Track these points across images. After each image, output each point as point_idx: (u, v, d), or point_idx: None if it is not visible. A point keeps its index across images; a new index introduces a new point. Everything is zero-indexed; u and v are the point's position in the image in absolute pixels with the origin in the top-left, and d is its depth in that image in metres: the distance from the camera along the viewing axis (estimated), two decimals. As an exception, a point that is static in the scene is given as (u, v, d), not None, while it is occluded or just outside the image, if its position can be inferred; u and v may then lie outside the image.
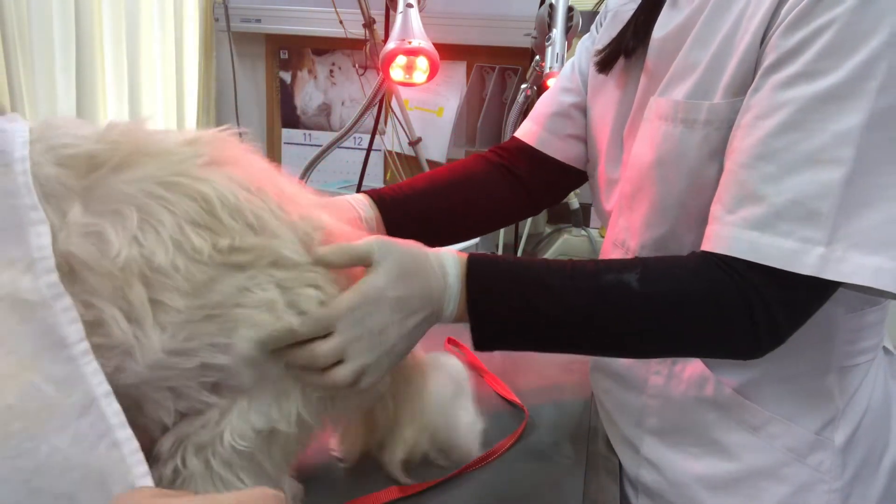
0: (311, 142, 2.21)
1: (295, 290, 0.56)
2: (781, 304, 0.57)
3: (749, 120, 0.58)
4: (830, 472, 0.65)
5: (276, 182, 0.61)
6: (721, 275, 0.58)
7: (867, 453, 0.67)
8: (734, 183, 0.59)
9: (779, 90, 0.56)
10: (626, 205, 0.72)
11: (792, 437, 0.65)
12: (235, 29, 2.11)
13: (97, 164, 0.52)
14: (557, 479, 0.71)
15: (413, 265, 0.59)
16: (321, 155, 1.40)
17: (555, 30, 1.18)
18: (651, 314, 0.59)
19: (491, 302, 0.60)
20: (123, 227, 0.51)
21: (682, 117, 0.64)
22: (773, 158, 0.56)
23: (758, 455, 0.66)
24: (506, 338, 0.62)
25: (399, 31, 1.22)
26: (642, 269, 0.60)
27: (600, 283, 0.60)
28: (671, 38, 0.68)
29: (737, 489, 0.67)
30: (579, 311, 0.60)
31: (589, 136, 0.85)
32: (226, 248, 0.54)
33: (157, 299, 0.51)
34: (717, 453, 0.68)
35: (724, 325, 0.59)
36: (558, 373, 0.96)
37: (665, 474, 0.71)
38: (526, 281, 0.61)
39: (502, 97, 1.96)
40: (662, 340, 0.61)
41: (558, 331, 0.61)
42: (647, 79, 0.71)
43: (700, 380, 0.68)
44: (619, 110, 0.77)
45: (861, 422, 0.67)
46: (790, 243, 0.55)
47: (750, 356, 0.61)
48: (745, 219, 0.57)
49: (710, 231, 0.60)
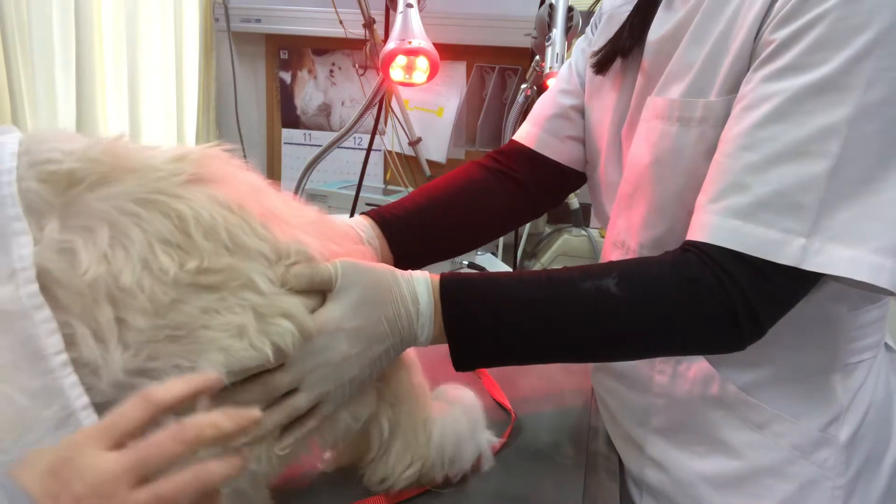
0: (311, 142, 2.21)
1: (268, 318, 0.55)
2: (761, 295, 0.57)
3: (737, 111, 0.59)
4: (835, 469, 0.65)
5: (263, 200, 0.59)
6: (700, 269, 0.58)
7: (870, 450, 0.68)
8: (719, 173, 0.59)
9: (768, 82, 0.57)
10: (625, 205, 0.72)
11: (796, 435, 0.65)
12: (235, 29, 2.11)
13: (76, 181, 0.52)
14: (557, 479, 0.71)
15: (377, 293, 0.58)
16: (321, 155, 1.40)
17: (555, 30, 1.19)
18: (633, 317, 0.59)
19: (467, 323, 0.60)
20: (94, 244, 0.51)
21: (677, 116, 0.64)
22: (758, 148, 0.56)
23: (763, 453, 0.66)
24: (486, 357, 0.62)
25: (399, 31, 1.22)
26: (619, 273, 0.60)
27: (578, 292, 0.60)
28: (667, 38, 0.68)
29: (742, 487, 0.67)
30: (559, 322, 0.59)
31: (588, 137, 0.85)
32: (193, 268, 0.52)
33: (122, 318, 0.50)
34: (723, 452, 0.68)
35: (706, 322, 0.59)
36: (558, 373, 0.96)
37: (670, 474, 0.71)
38: (500, 299, 0.60)
39: (502, 97, 1.96)
40: (646, 341, 0.61)
41: (539, 344, 0.61)
42: (644, 79, 0.71)
43: (705, 378, 0.68)
44: (616, 111, 0.77)
45: (864, 418, 0.67)
46: (772, 233, 0.55)
47: (733, 349, 0.61)
48: (728, 207, 0.57)
49: (694, 220, 0.60)
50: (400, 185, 2.08)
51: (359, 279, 0.58)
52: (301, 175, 1.43)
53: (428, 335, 0.60)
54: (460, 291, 0.60)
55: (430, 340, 0.60)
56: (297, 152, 2.23)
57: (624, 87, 0.76)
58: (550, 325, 0.59)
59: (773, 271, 0.56)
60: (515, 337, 0.60)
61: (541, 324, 0.59)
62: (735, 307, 0.57)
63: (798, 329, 0.65)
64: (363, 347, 0.57)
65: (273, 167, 2.28)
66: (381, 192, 2.02)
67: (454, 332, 0.60)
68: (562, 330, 0.60)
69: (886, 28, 0.53)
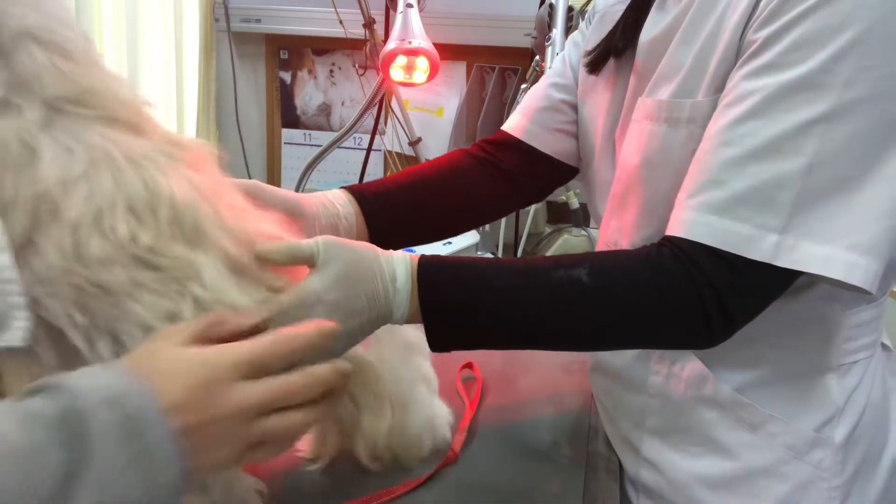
0: (311, 142, 2.21)
1: (210, 310, 0.54)
2: (734, 291, 0.57)
3: (719, 109, 0.59)
4: (830, 470, 0.65)
5: (231, 196, 0.60)
6: (671, 262, 0.58)
7: (867, 450, 0.68)
8: (697, 169, 0.59)
9: (748, 79, 0.57)
10: (618, 206, 0.73)
11: (791, 436, 0.65)
12: (235, 29, 2.12)
13: (88, 104, 0.52)
14: (557, 479, 0.71)
15: (357, 269, 0.59)
16: (321, 155, 1.40)
17: (555, 30, 1.19)
18: (601, 307, 0.60)
19: (441, 304, 0.60)
20: (63, 163, 0.50)
21: (665, 116, 0.65)
22: (735, 144, 0.57)
23: (758, 454, 0.66)
24: (459, 338, 0.62)
25: (399, 31, 1.22)
26: (591, 263, 0.60)
27: (550, 280, 0.60)
28: (658, 39, 0.68)
29: (737, 488, 0.67)
30: (531, 309, 0.60)
31: (581, 136, 0.85)
32: (143, 245, 0.52)
33: (34, 241, 0.49)
34: (717, 452, 0.68)
35: (675, 316, 0.59)
36: (558, 373, 0.96)
37: (665, 474, 0.71)
38: (476, 282, 0.61)
39: (502, 97, 1.96)
40: (615, 332, 0.62)
41: (510, 329, 0.61)
42: (636, 80, 0.72)
43: (699, 379, 0.68)
44: (609, 112, 0.77)
45: (860, 419, 0.67)
46: (746, 229, 0.56)
47: (704, 345, 0.61)
48: (704, 202, 0.58)
49: (673, 216, 0.61)
50: (400, 185, 2.08)
51: (341, 254, 0.59)
52: (301, 175, 1.44)
53: (404, 313, 0.60)
54: (438, 273, 0.61)
55: (406, 319, 0.61)
56: (297, 152, 2.23)
57: (617, 88, 0.76)
58: (522, 312, 0.60)
59: (747, 266, 0.56)
60: (488, 321, 0.61)
61: (513, 310, 0.60)
62: (704, 300, 0.57)
63: (792, 329, 0.65)
64: (340, 320, 0.57)
65: (273, 167, 2.28)
66: (381, 191, 2.02)
67: (428, 312, 0.60)
68: (533, 317, 0.60)
69: (867, 28, 0.53)
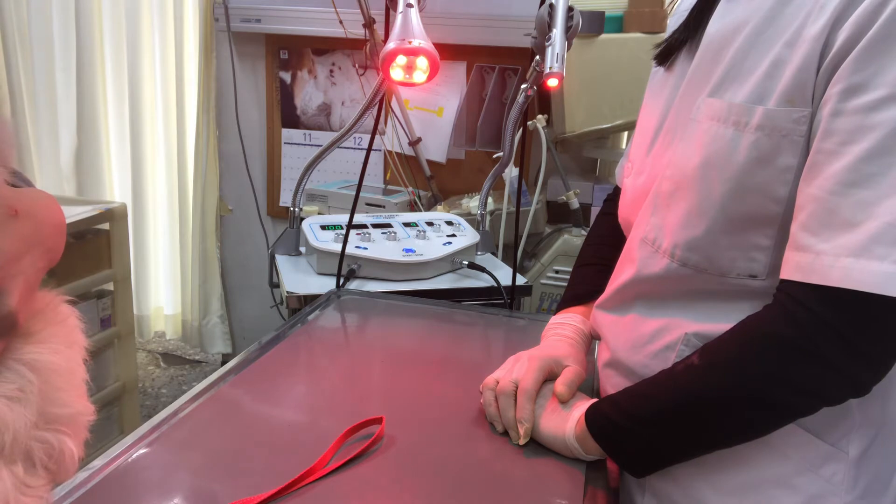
0: (311, 142, 2.21)
1: None
2: (871, 335, 0.57)
3: (833, 146, 0.58)
4: (843, 485, 0.64)
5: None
6: (789, 331, 0.59)
7: (880, 467, 0.67)
8: (825, 211, 0.58)
9: (866, 114, 0.56)
10: (663, 203, 0.71)
11: (807, 448, 0.65)
12: (235, 29, 2.12)
13: None
14: (557, 479, 0.71)
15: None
16: (321, 155, 1.40)
17: (555, 30, 1.18)
18: (716, 384, 0.63)
19: (618, 442, 0.69)
20: None
21: (734, 120, 0.63)
22: (866, 184, 0.55)
23: (771, 463, 0.66)
24: (653, 462, 0.69)
25: (399, 31, 1.22)
26: (703, 347, 0.65)
27: (675, 372, 0.65)
28: (726, 33, 0.67)
29: (747, 496, 0.66)
30: (671, 410, 0.65)
31: (639, 120, 0.83)
32: None
33: None
34: (730, 459, 0.67)
35: (806, 381, 0.59)
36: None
37: (676, 478, 0.71)
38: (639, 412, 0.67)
39: (502, 97, 1.97)
40: (750, 409, 0.63)
41: (676, 434, 0.66)
42: (696, 72, 0.70)
43: None
44: (666, 103, 0.76)
45: (877, 435, 0.66)
46: (886, 266, 0.54)
47: (855, 395, 0.61)
48: (841, 246, 0.56)
49: (798, 259, 0.59)
50: (400, 185, 2.08)
51: None
52: (301, 175, 1.43)
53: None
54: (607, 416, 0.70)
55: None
56: (297, 152, 2.24)
57: (678, 79, 0.75)
58: (669, 414, 0.66)
59: (887, 306, 0.55)
60: (659, 435, 0.67)
61: (669, 414, 0.66)
62: (834, 361, 0.57)
63: None
64: None
65: (273, 167, 2.28)
66: (382, 192, 2.02)
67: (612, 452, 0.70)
68: (678, 418, 0.66)
69: None
